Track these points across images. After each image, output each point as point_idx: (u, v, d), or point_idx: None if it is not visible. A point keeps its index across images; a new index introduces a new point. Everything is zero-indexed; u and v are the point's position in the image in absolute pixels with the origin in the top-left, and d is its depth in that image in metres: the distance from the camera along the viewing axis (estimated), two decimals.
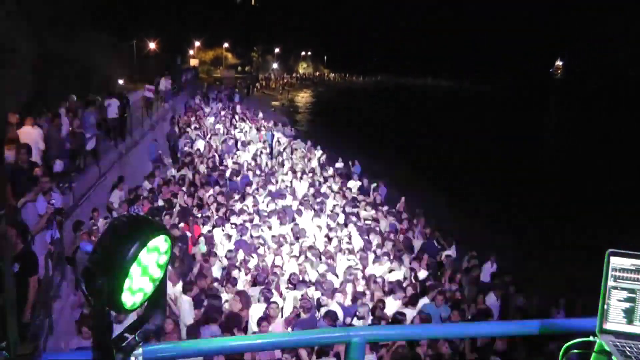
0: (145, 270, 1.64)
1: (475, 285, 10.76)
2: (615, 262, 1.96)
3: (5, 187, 7.15)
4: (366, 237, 12.04)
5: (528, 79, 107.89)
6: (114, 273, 1.54)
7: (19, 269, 5.74)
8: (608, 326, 1.95)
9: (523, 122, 47.95)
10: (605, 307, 1.96)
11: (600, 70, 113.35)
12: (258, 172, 16.89)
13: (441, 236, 13.46)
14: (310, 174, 17.36)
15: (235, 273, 8.79)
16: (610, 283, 1.96)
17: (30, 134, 10.87)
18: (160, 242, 1.66)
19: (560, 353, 1.95)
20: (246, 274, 9.19)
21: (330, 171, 18.84)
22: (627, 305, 1.95)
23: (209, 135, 22.27)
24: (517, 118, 50.33)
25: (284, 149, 21.53)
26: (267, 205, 13.35)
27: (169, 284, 7.83)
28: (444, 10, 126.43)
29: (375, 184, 17.55)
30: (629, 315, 1.94)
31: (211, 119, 26.67)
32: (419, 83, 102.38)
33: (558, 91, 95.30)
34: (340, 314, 7.75)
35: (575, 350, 1.94)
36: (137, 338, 1.75)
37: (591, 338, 1.94)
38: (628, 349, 1.87)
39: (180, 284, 8.08)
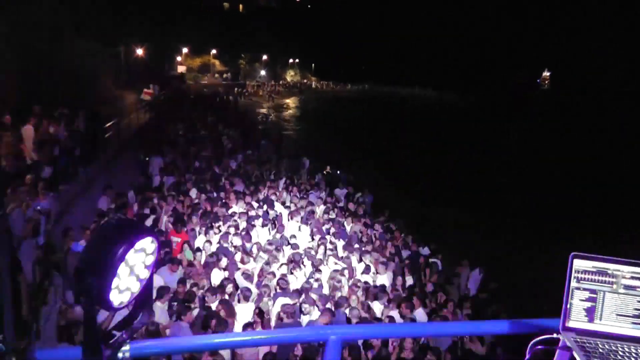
0: (132, 270, 1.74)
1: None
2: (578, 264, 2.09)
3: None
4: (355, 245, 12.19)
5: (515, 89, 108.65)
6: (102, 272, 1.63)
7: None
8: (570, 324, 2.07)
9: (505, 132, 48.29)
10: (568, 306, 2.08)
11: (586, 84, 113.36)
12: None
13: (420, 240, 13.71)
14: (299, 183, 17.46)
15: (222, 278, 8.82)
16: (573, 284, 2.08)
17: (31, 131, 10.94)
18: (147, 244, 1.76)
19: (527, 349, 2.08)
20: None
21: (317, 179, 18.97)
22: (588, 304, 2.07)
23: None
24: (499, 129, 50.76)
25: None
26: (254, 212, 13.35)
27: None
28: (433, 20, 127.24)
29: (360, 193, 17.73)
30: (590, 314, 2.07)
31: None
32: (405, 92, 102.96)
33: (543, 103, 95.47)
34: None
35: (541, 347, 2.07)
36: (124, 335, 1.84)
37: (555, 335, 2.08)
38: (588, 345, 2.00)
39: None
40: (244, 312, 8.04)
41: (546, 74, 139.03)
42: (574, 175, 28.43)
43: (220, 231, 11.33)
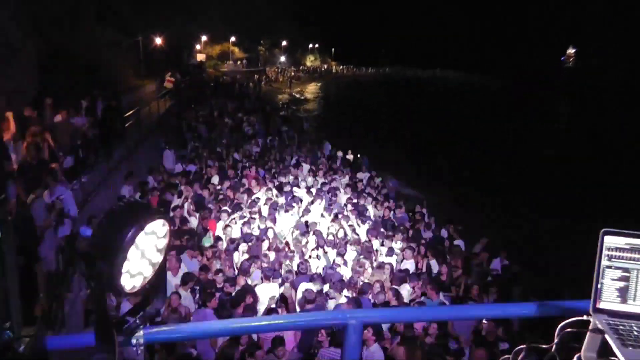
0: (143, 254, 1.68)
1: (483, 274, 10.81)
2: (610, 241, 1.96)
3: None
4: (381, 230, 12.12)
5: (538, 68, 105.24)
6: (112, 257, 1.57)
7: (23, 261, 5.89)
8: (602, 305, 1.95)
9: (527, 115, 47.07)
10: (599, 286, 1.95)
11: (616, 61, 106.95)
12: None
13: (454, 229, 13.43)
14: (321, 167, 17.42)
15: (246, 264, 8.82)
16: (604, 262, 1.95)
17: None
18: (158, 226, 1.70)
19: (556, 332, 1.97)
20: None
21: (339, 163, 18.94)
22: (621, 284, 1.94)
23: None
24: (522, 111, 49.56)
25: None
26: (276, 197, 13.32)
27: (170, 275, 7.87)
28: (453, 2, 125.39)
29: (380, 178, 17.67)
30: (623, 294, 1.94)
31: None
32: (427, 75, 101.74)
33: (567, 83, 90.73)
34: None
35: (570, 329, 1.96)
36: (137, 321, 1.79)
37: (585, 317, 1.95)
38: (621, 327, 1.86)
39: (180, 276, 8.02)
40: (267, 291, 8.05)
41: (571, 50, 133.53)
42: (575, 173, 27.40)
43: (243, 217, 11.34)
